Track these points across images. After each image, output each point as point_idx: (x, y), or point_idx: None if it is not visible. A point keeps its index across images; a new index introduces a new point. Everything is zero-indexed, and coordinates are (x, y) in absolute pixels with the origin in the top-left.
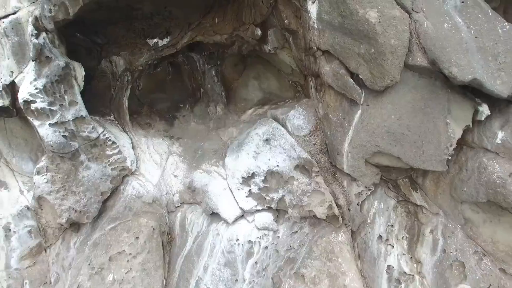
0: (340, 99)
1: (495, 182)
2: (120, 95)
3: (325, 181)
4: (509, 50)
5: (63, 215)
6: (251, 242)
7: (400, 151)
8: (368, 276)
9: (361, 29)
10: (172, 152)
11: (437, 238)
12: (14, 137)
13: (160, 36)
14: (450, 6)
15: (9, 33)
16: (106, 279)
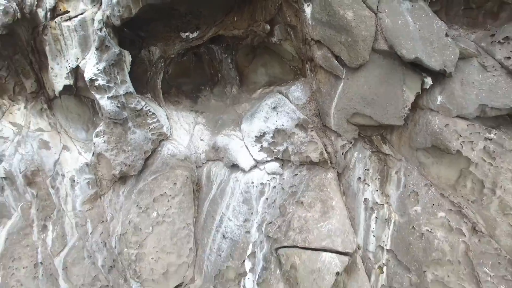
0: (328, 76)
1: (436, 131)
2: (155, 78)
3: (317, 135)
4: (440, 39)
5: (117, 168)
6: (263, 184)
7: (371, 112)
8: (350, 207)
9: (342, 24)
10: (198, 122)
11: (400, 177)
12: (70, 113)
13: (191, 31)
14: (403, 8)
15: (77, 29)
16: (151, 215)
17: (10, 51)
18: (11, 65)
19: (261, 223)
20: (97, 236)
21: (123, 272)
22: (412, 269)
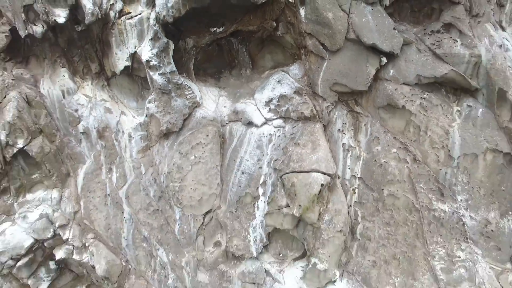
0: (316, 57)
1: (389, 94)
2: (188, 62)
3: (309, 98)
4: (389, 31)
5: (164, 125)
6: (271, 134)
7: (346, 82)
8: (333, 149)
9: (325, 22)
10: (221, 95)
11: (367, 128)
12: (123, 88)
13: (218, 26)
14: (366, 11)
15: (136, 25)
16: (190, 158)
17: (83, 42)
18: (82, 52)
19: (270, 160)
20: (149, 175)
21: (169, 201)
22: (374, 189)
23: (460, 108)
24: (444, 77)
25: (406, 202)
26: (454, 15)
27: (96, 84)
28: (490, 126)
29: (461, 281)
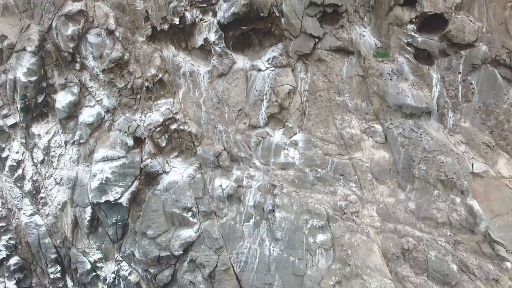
0: (289, 39)
1: (319, 53)
2: (230, 42)
3: (285, 57)
4: (317, 27)
5: (220, 70)
6: (269, 74)
7: (301, 50)
8: (296, 79)
9: (292, 24)
10: (245, 58)
11: (311, 70)
12: (197, 55)
13: (244, 26)
14: (309, 19)
15: (208, 25)
16: (232, 84)
17: (181, 33)
18: (180, 37)
19: (268, 84)
20: (213, 93)
21: (222, 103)
22: (313, 94)
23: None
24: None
25: (326, 98)
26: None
27: (184, 53)
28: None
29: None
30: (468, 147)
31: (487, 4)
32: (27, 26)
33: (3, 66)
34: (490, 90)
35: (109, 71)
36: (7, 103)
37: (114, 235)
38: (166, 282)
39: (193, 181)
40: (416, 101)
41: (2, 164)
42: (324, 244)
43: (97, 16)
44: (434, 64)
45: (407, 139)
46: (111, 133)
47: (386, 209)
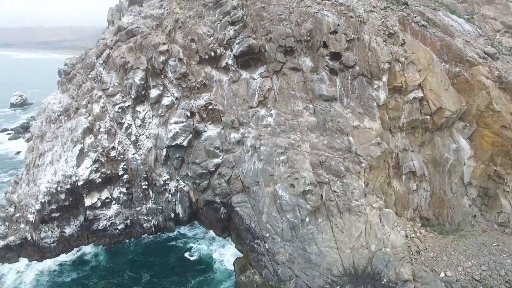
0: (267, 62)
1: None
2: (239, 63)
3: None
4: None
5: (233, 78)
6: (259, 81)
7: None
8: None
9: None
10: (247, 72)
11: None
12: (222, 70)
13: (247, 56)
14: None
15: (228, 55)
16: (240, 85)
17: (215, 62)
18: (220, 64)
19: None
20: (231, 86)
21: None
22: None
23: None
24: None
25: (286, 92)
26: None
27: (215, 70)
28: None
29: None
30: (352, 114)
31: (359, 47)
32: (139, 57)
33: (127, 75)
34: (361, 88)
35: (178, 79)
36: (126, 94)
37: (177, 164)
38: (204, 187)
39: (219, 135)
40: (329, 92)
41: (121, 126)
42: (283, 161)
43: (173, 51)
44: (338, 75)
45: (324, 111)
46: (177, 110)
47: (313, 144)
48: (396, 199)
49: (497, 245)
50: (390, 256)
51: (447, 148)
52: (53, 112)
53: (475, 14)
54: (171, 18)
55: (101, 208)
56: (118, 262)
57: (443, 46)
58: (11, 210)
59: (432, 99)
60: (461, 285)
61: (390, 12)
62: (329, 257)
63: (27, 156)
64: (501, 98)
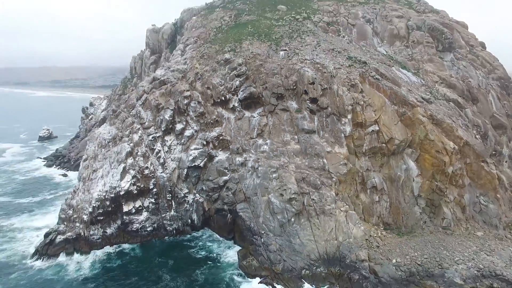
0: (265, 103)
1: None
2: (243, 105)
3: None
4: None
5: (238, 107)
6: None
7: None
8: None
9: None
10: (249, 110)
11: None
12: (229, 111)
13: (250, 99)
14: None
15: (235, 99)
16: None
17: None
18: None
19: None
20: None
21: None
22: None
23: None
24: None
25: (278, 127)
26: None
27: (225, 110)
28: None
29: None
30: (326, 143)
31: (330, 94)
32: (168, 100)
33: (159, 113)
34: (333, 123)
35: (197, 116)
36: (157, 127)
37: (194, 181)
38: (215, 198)
39: (227, 159)
40: (309, 127)
41: (153, 151)
42: (275, 177)
43: (194, 96)
44: (316, 114)
45: (305, 141)
46: (196, 140)
47: (297, 165)
48: (363, 208)
49: (439, 241)
50: (352, 244)
51: (399, 168)
52: (103, 140)
53: (420, 69)
54: (192, 71)
55: (135, 214)
56: (149, 255)
57: (392, 93)
58: (70, 212)
59: (385, 131)
60: (406, 267)
61: (353, 69)
62: (309, 246)
63: (82, 172)
64: (434, 131)
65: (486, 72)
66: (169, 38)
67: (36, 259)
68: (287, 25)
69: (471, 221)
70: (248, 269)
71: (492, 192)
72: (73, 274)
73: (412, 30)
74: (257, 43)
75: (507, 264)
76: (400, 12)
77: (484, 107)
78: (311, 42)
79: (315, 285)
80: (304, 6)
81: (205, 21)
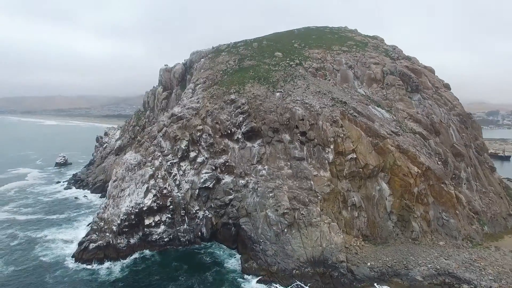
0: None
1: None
2: (246, 136)
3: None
4: None
5: (239, 137)
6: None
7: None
8: None
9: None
10: (250, 141)
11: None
12: (234, 142)
13: (251, 132)
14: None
15: (237, 130)
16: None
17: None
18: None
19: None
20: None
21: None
22: None
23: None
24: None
25: (274, 155)
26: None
27: (231, 141)
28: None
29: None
30: (313, 168)
31: (317, 129)
32: (184, 132)
33: (176, 143)
34: (318, 152)
35: (208, 146)
36: (174, 155)
37: (204, 199)
38: (222, 214)
39: (232, 181)
40: (300, 155)
41: (170, 175)
42: (271, 196)
43: (205, 130)
44: (305, 145)
45: (296, 166)
46: (206, 165)
47: (290, 186)
48: (345, 223)
49: (407, 250)
50: (333, 249)
51: (374, 189)
52: (130, 164)
53: (392, 107)
54: (204, 109)
55: (154, 227)
56: (167, 260)
57: (367, 127)
58: (101, 224)
59: (361, 158)
60: (378, 269)
61: (335, 108)
62: (298, 252)
63: (112, 191)
64: (401, 158)
65: (447, 109)
66: (180, 77)
67: (73, 262)
68: (282, 70)
69: (435, 233)
70: (249, 270)
71: (452, 209)
72: (105, 276)
73: (387, 74)
74: (257, 86)
75: (459, 266)
76: (377, 60)
77: (445, 139)
78: (302, 85)
79: (303, 282)
80: (297, 53)
81: (212, 64)
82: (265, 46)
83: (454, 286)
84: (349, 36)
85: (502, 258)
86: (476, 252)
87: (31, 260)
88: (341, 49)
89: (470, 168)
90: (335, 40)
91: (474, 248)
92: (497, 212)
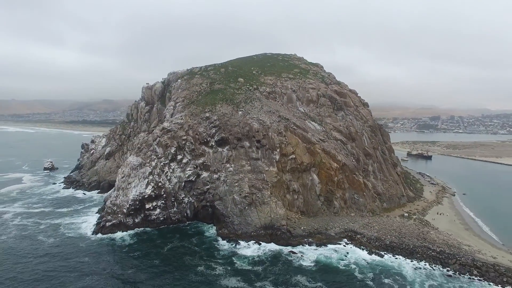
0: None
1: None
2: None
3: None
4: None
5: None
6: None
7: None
8: None
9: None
10: (226, 150)
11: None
12: (208, 147)
13: (222, 142)
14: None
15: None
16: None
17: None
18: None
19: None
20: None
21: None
22: None
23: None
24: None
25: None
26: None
27: (207, 147)
28: None
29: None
30: (265, 165)
31: (268, 138)
32: (173, 141)
33: (167, 149)
34: (269, 154)
35: (191, 151)
36: (166, 158)
37: (189, 189)
38: (201, 199)
39: (208, 176)
40: (256, 157)
41: (163, 172)
42: (237, 185)
43: (188, 139)
44: (260, 149)
45: (254, 165)
46: (190, 165)
47: (249, 178)
48: (288, 203)
49: (329, 219)
50: (278, 218)
51: (308, 179)
52: (133, 165)
53: (323, 121)
54: (186, 124)
55: (152, 210)
56: (162, 233)
57: (302, 137)
58: (114, 208)
59: (298, 158)
60: (308, 230)
61: (280, 123)
62: (255, 221)
63: (120, 184)
64: (325, 157)
65: (363, 122)
66: (160, 94)
67: (94, 236)
68: (243, 93)
69: (349, 208)
70: (222, 235)
71: (361, 192)
72: (120, 242)
73: (320, 97)
74: (225, 106)
75: (360, 226)
76: (314, 85)
77: (359, 143)
78: (258, 106)
79: (257, 239)
80: (255, 80)
81: (188, 85)
82: (231, 71)
83: (352, 237)
84: (296, 64)
85: (387, 221)
86: (373, 219)
87: (61, 235)
88: (288, 76)
89: (376, 164)
90: (285, 68)
91: (374, 217)
92: (393, 194)
